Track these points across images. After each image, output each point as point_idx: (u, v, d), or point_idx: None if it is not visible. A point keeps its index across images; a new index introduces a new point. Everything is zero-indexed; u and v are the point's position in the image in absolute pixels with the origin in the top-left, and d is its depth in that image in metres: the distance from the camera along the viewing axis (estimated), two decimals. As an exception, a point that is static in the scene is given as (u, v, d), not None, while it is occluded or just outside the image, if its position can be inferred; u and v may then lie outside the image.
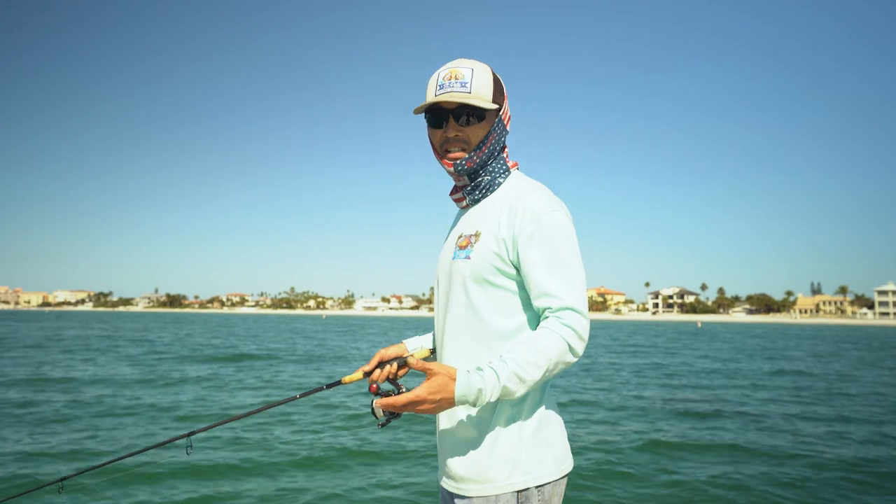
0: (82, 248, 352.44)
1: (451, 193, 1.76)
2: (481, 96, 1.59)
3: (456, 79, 1.59)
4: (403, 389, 1.63)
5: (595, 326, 75.19)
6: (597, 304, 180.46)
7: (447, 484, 1.62)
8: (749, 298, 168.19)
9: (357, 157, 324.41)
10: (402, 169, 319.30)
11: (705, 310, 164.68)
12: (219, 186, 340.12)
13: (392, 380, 1.74)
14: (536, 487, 1.52)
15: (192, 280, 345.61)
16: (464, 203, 1.72)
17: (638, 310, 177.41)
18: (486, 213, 1.62)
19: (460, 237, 1.65)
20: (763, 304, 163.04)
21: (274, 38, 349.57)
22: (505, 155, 1.71)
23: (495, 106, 1.61)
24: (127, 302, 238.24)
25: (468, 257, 1.59)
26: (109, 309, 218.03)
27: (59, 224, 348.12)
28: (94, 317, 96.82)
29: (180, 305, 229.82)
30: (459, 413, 1.58)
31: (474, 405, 1.43)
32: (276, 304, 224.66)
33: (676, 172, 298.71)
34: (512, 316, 1.56)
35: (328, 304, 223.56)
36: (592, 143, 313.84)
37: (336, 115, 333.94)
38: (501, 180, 1.67)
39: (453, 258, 1.64)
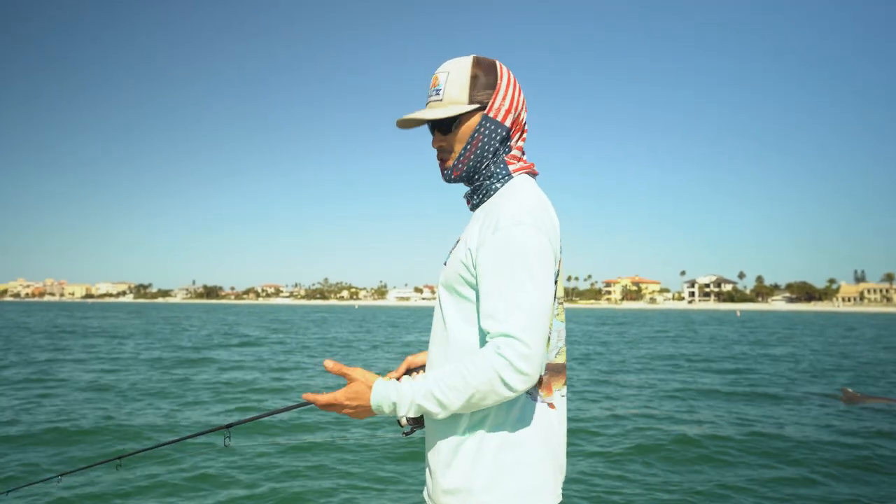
0: (123, 241, 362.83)
1: (464, 195, 1.66)
2: (454, 100, 1.50)
3: (434, 86, 1.53)
4: None
5: (635, 316, 74.32)
6: (631, 293, 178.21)
7: (427, 497, 1.57)
8: (789, 286, 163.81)
9: (390, 146, 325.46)
10: (435, 159, 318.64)
11: (743, 298, 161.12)
12: (254, 180, 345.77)
13: None
14: None
15: (228, 272, 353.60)
16: (469, 206, 1.63)
17: (673, 298, 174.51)
18: (471, 221, 1.55)
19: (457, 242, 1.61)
20: (804, 292, 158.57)
21: (304, 27, 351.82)
22: (517, 153, 1.57)
23: (472, 107, 1.50)
24: (166, 293, 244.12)
25: (445, 263, 1.55)
26: (149, 300, 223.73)
27: (101, 218, 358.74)
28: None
29: (217, 296, 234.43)
30: (432, 426, 1.50)
31: (392, 415, 1.41)
32: (310, 294, 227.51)
33: (712, 158, 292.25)
34: (476, 326, 1.46)
35: (361, 294, 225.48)
36: (627, 131, 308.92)
37: (368, 105, 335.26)
38: (498, 186, 1.53)
39: (444, 263, 1.59)
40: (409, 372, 1.74)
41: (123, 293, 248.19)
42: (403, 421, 1.55)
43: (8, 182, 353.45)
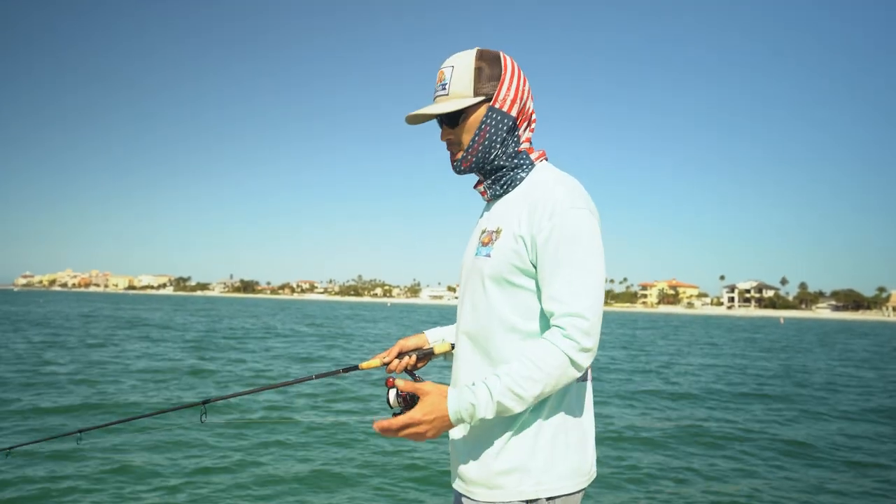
0: (165, 235, 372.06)
1: (476, 185, 1.68)
2: (459, 94, 1.54)
3: (440, 81, 1.57)
4: (421, 380, 1.71)
5: (674, 319, 72.42)
6: (668, 298, 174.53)
7: (457, 485, 1.55)
8: (835, 294, 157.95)
9: (425, 143, 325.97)
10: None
11: (785, 305, 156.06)
12: (291, 177, 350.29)
13: (410, 371, 1.77)
14: (547, 499, 1.44)
15: (264, 267, 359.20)
16: (487, 196, 1.65)
17: (712, 304, 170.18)
18: (508, 209, 1.55)
19: (483, 232, 1.58)
20: (851, 300, 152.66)
21: (329, 17, 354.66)
22: (527, 145, 1.60)
23: (477, 99, 1.53)
24: (204, 287, 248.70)
25: (489, 255, 1.51)
26: (188, 293, 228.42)
27: (144, 212, 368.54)
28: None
29: (253, 291, 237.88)
30: None
31: (470, 422, 1.38)
32: (344, 291, 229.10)
33: (752, 160, 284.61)
34: (532, 318, 1.48)
35: (394, 292, 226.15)
36: (664, 132, 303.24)
37: (403, 101, 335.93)
38: (524, 174, 1.57)
39: (476, 254, 1.57)
40: (400, 355, 1.75)
41: (164, 285, 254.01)
42: (394, 402, 1.60)
43: (57, 177, 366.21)
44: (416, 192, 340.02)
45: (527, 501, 1.43)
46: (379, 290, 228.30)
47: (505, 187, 1.57)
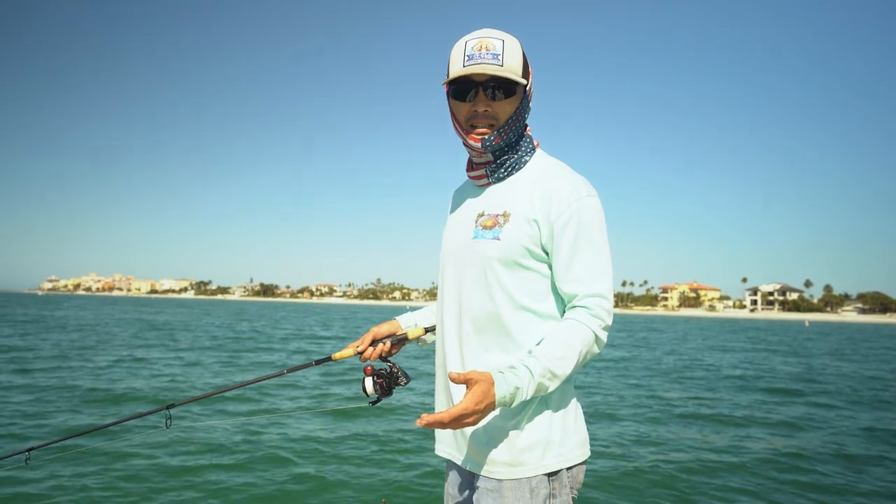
0: (186, 239, 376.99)
1: (469, 170, 1.66)
2: (513, 70, 1.50)
3: (487, 50, 1.49)
4: (396, 369, 1.73)
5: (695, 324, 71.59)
6: (689, 300, 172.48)
7: (471, 465, 1.54)
8: (861, 297, 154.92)
9: (441, 146, 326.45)
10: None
11: (810, 308, 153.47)
12: (311, 183, 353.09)
13: (384, 358, 1.78)
14: (567, 469, 1.50)
15: (284, 270, 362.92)
16: (485, 181, 1.62)
17: (734, 307, 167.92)
18: (515, 193, 1.55)
19: (482, 215, 1.57)
20: (878, 302, 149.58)
21: (357, 14, 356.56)
22: (529, 133, 1.64)
23: (525, 82, 1.53)
24: (225, 290, 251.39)
25: (497, 238, 1.51)
26: (209, 297, 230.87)
27: (166, 217, 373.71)
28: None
29: (273, 295, 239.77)
30: None
31: (511, 405, 1.39)
32: (363, 294, 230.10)
33: (775, 161, 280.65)
34: (541, 300, 1.52)
35: (413, 295, 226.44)
36: (685, 133, 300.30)
37: (417, 105, 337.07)
38: (528, 159, 1.60)
39: (474, 237, 1.55)
40: (374, 343, 1.76)
41: (185, 289, 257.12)
42: (370, 390, 1.69)
43: (80, 184, 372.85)
44: (434, 195, 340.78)
45: (548, 474, 1.48)
46: (398, 294, 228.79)
47: (509, 170, 1.58)
